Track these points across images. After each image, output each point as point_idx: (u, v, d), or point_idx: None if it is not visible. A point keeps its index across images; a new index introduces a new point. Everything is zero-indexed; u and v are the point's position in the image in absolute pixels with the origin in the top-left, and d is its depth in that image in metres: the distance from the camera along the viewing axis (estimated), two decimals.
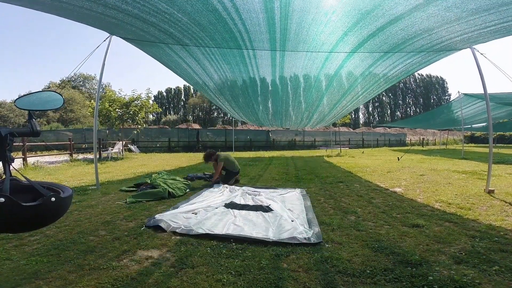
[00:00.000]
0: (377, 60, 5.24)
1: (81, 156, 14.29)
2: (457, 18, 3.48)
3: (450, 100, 16.12)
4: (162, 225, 2.96)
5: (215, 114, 59.76)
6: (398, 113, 69.75)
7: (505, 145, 26.88)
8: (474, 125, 21.14)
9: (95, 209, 3.80)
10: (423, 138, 37.47)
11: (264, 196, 4.37)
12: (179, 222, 3.06)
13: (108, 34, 4.77)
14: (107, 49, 4.96)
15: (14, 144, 1.17)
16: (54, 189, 1.20)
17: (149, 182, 4.83)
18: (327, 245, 2.52)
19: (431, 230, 2.91)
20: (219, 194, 4.63)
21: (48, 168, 8.94)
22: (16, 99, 1.27)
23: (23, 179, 1.20)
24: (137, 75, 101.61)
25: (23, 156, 9.60)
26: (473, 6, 3.15)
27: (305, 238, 2.59)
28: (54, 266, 2.13)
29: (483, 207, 3.87)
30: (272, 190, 5.11)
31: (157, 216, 3.23)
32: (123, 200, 4.24)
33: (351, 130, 38.46)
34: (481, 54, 4.62)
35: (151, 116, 42.24)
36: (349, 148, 26.05)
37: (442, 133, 36.08)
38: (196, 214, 3.42)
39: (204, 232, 2.78)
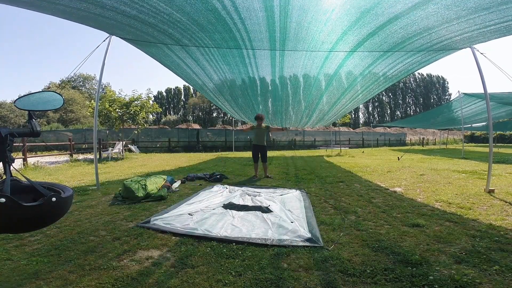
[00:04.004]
0: (377, 59, 5.24)
1: (81, 156, 14.29)
2: (456, 17, 3.48)
3: (450, 99, 16.12)
4: (157, 228, 2.97)
5: (215, 114, 59.74)
6: (398, 112, 69.72)
7: (505, 144, 26.87)
8: (474, 125, 21.15)
9: (95, 209, 3.80)
10: (423, 138, 37.47)
11: (264, 197, 4.37)
12: (176, 225, 3.05)
13: (107, 34, 4.77)
14: (107, 49, 4.96)
15: (14, 144, 1.17)
16: (54, 189, 1.20)
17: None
18: (326, 247, 2.51)
19: (431, 230, 2.91)
20: (218, 195, 4.62)
21: (48, 168, 8.94)
22: (16, 99, 1.27)
23: (23, 179, 1.20)
24: (137, 75, 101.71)
25: (23, 157, 9.60)
26: (472, 4, 3.15)
27: (304, 241, 2.59)
28: (54, 266, 2.13)
29: (483, 206, 3.87)
30: (272, 190, 5.11)
31: (152, 219, 3.22)
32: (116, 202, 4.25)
33: (351, 130, 38.45)
34: (481, 53, 4.62)
35: (151, 116, 42.24)
36: (349, 148, 26.04)
37: (442, 132, 36.09)
38: (192, 215, 3.41)
39: (201, 234, 2.78)
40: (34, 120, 1.23)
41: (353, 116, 62.56)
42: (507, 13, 3.25)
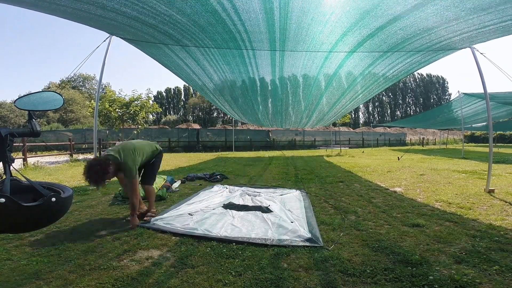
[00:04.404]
0: (377, 60, 5.24)
1: (81, 156, 14.29)
2: (455, 18, 3.48)
3: (450, 99, 16.12)
4: (157, 228, 2.97)
5: (215, 114, 59.73)
6: (398, 112, 69.74)
7: (505, 144, 26.89)
8: (474, 125, 21.14)
9: (95, 209, 3.80)
10: (423, 138, 37.46)
11: (264, 197, 4.37)
12: (176, 224, 3.05)
13: (108, 35, 4.77)
14: (107, 49, 4.96)
15: (14, 144, 1.17)
16: (54, 189, 1.20)
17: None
18: (326, 247, 2.51)
19: (431, 230, 2.91)
20: (218, 195, 4.62)
21: (49, 168, 8.94)
22: (16, 99, 1.27)
23: (23, 179, 1.20)
24: (137, 75, 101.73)
25: (23, 157, 9.60)
26: (471, 5, 3.15)
27: (304, 241, 2.59)
28: (54, 266, 2.13)
29: (483, 206, 3.87)
30: (272, 190, 5.11)
31: (152, 219, 3.22)
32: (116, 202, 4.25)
33: (351, 129, 38.46)
34: (481, 53, 4.62)
35: (151, 116, 42.22)
36: (349, 147, 26.05)
37: (442, 132, 36.09)
38: (192, 215, 3.41)
39: (201, 234, 2.78)
40: (34, 120, 1.23)
41: (353, 116, 62.56)
42: (506, 13, 3.25)
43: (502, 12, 3.24)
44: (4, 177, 1.08)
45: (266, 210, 3.58)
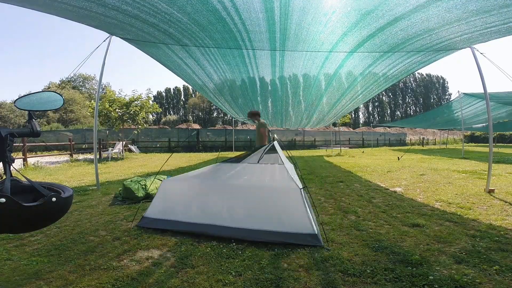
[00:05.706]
0: (377, 60, 5.24)
1: (81, 156, 14.29)
2: (457, 19, 3.48)
3: (450, 99, 16.10)
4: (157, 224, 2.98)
5: (215, 114, 59.76)
6: (398, 112, 69.72)
7: (505, 144, 26.89)
8: (474, 126, 21.13)
9: (95, 209, 3.81)
10: (423, 138, 37.44)
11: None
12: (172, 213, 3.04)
13: (108, 35, 4.77)
14: (107, 49, 4.96)
15: (14, 144, 1.17)
16: (54, 189, 1.20)
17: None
18: (326, 247, 2.51)
19: (431, 230, 2.91)
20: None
21: (49, 168, 8.94)
22: (16, 99, 1.27)
23: (23, 179, 1.20)
24: (137, 75, 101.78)
25: (23, 157, 9.60)
26: (473, 7, 3.15)
27: (305, 235, 2.53)
28: (54, 266, 2.13)
29: (483, 206, 3.87)
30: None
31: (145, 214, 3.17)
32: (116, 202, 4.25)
33: (351, 130, 38.44)
34: (481, 53, 4.62)
35: (151, 116, 42.19)
36: (349, 147, 26.04)
37: (442, 132, 36.07)
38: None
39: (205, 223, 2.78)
40: (34, 120, 1.23)
41: (353, 116, 62.56)
42: (508, 15, 3.25)
43: (505, 15, 3.25)
44: (4, 177, 1.08)
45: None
